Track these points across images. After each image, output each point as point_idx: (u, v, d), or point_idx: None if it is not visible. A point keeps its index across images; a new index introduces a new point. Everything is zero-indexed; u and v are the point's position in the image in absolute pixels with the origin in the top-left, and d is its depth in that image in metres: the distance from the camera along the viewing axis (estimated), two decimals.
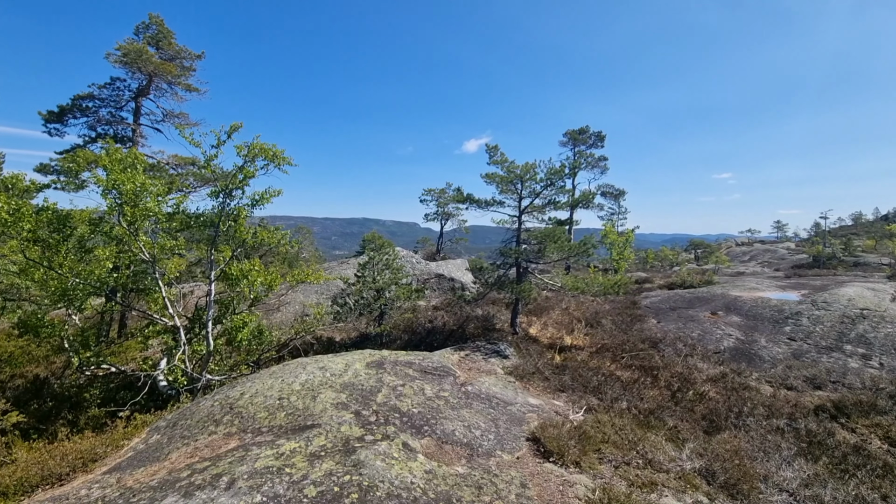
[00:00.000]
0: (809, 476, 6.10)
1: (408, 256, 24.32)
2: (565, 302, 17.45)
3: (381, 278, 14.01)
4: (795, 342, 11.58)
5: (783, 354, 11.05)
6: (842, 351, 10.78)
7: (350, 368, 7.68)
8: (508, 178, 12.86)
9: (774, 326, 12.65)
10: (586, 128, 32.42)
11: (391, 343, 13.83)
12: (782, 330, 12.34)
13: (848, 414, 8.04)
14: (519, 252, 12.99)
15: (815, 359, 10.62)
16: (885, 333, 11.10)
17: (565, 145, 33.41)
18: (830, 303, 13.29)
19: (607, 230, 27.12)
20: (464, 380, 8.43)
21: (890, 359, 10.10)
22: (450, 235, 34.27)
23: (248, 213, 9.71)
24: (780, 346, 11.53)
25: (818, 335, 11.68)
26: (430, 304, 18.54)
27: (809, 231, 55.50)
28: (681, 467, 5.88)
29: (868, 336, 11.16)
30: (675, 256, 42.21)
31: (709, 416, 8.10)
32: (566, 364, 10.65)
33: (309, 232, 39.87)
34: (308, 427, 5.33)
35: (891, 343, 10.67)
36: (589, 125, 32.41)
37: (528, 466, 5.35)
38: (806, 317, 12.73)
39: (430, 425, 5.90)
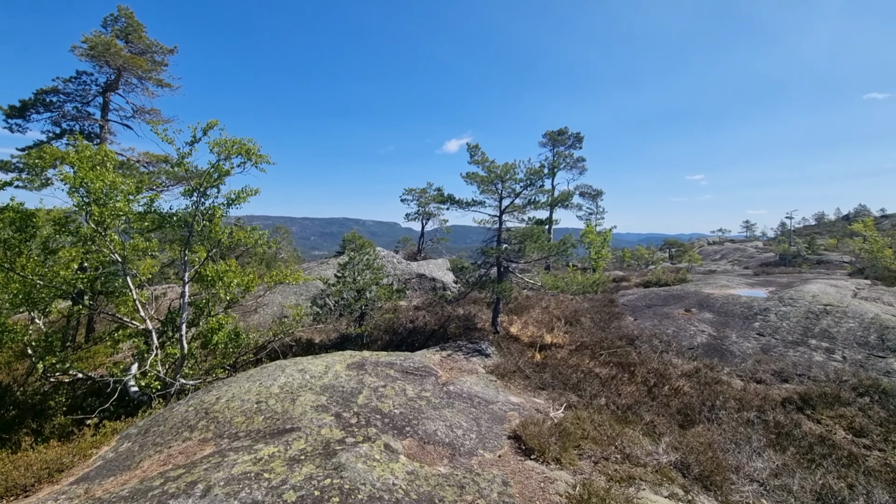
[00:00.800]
0: (778, 466, 6.36)
1: (388, 256, 24.17)
2: (545, 301, 17.67)
3: (362, 279, 13.88)
4: (764, 337, 12.04)
5: (753, 349, 11.47)
6: (807, 345, 11.26)
7: (330, 370, 7.59)
8: (489, 178, 12.93)
9: (744, 322, 13.11)
10: (565, 129, 32.90)
11: (372, 344, 13.73)
12: (752, 326, 12.81)
13: (813, 406, 8.41)
14: (500, 252, 13.07)
15: (782, 353, 11.06)
16: (847, 328, 11.64)
17: (545, 146, 33.84)
18: (796, 299, 13.86)
19: (588, 229, 27.59)
20: (445, 379, 8.44)
21: (852, 352, 10.61)
22: (431, 235, 34.24)
23: (224, 213, 9.46)
24: (749, 341, 11.96)
25: (785, 330, 12.17)
26: (412, 305, 18.48)
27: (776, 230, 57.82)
28: (657, 461, 6.03)
29: (831, 331, 11.69)
30: (651, 255, 43.30)
31: (683, 410, 8.34)
32: (546, 362, 10.78)
33: (287, 232, 39.19)
34: (287, 431, 5.24)
35: (852, 337, 11.20)
36: (568, 126, 32.92)
37: (510, 464, 5.39)
38: (773, 313, 13.24)
39: (412, 426, 5.88)
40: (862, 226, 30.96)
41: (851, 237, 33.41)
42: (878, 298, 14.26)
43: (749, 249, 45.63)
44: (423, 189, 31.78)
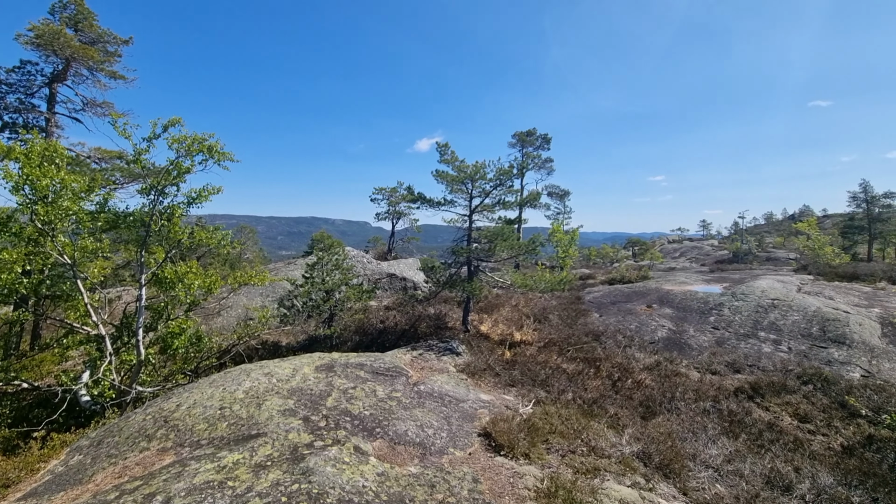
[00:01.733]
0: (731, 452, 6.74)
1: (358, 256, 23.88)
2: (515, 299, 17.95)
3: (331, 279, 13.65)
4: (719, 331, 12.71)
5: (708, 342, 12.10)
6: (757, 337, 11.98)
7: (298, 373, 7.44)
8: (459, 177, 13.00)
9: (701, 317, 13.80)
10: (533, 130, 33.49)
11: (342, 345, 13.53)
12: (707, 320, 13.49)
13: (763, 394, 8.96)
14: (470, 251, 13.18)
15: (735, 345, 11.72)
16: (792, 321, 12.47)
17: (514, 146, 34.32)
18: (747, 294, 14.71)
19: (555, 228, 28.21)
20: (416, 379, 8.44)
21: (797, 343, 11.37)
22: (401, 235, 34.07)
23: (184, 212, 9.08)
24: (705, 334, 12.60)
25: (737, 324, 12.89)
26: (382, 305, 18.34)
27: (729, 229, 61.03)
28: (621, 452, 6.27)
29: (779, 324, 12.48)
30: (615, 253, 44.80)
31: (645, 402, 8.69)
32: (516, 359, 10.97)
33: (253, 231, 37.98)
34: (253, 436, 5.10)
35: (797, 329, 12.01)
36: (536, 128, 33.51)
37: (480, 461, 5.46)
38: (727, 307, 14.00)
39: (383, 427, 5.86)
40: (806, 225, 33.19)
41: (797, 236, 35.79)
42: (819, 293, 15.34)
43: (705, 247, 47.99)
44: (394, 188, 31.57)
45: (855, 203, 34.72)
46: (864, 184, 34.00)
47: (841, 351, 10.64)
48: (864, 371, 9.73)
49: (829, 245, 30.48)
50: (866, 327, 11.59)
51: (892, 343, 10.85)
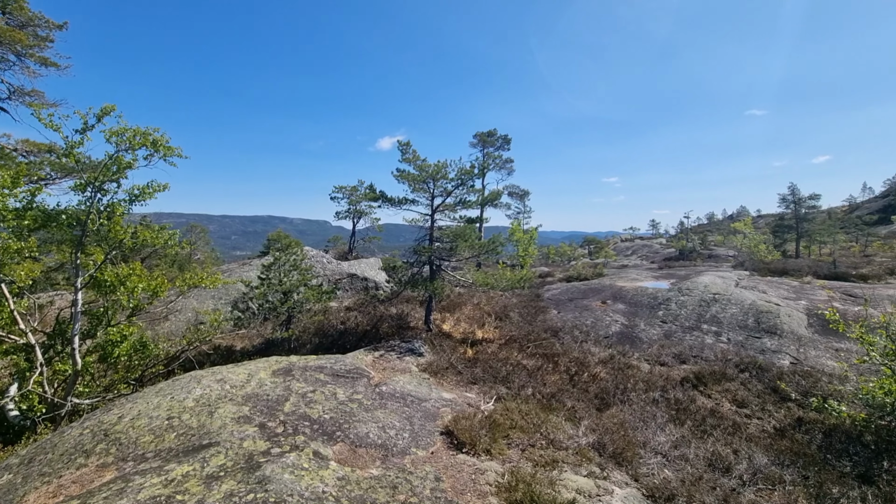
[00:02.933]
0: (678, 439, 7.15)
1: (318, 256, 23.28)
2: (476, 297, 18.16)
3: (289, 280, 13.23)
4: (667, 324, 13.48)
5: (657, 335, 12.79)
6: (700, 330, 12.80)
7: (253, 378, 7.16)
8: (421, 176, 12.98)
9: (651, 312, 14.57)
10: (494, 131, 34.00)
11: (300, 348, 13.16)
12: (656, 314, 14.27)
13: (705, 383, 9.58)
14: (432, 250, 13.20)
15: (681, 338, 12.46)
16: (731, 313, 13.42)
17: (475, 146, 34.70)
18: (692, 289, 15.68)
19: (514, 228, 28.81)
20: (378, 380, 8.35)
21: (735, 334, 12.25)
22: (362, 234, 33.53)
23: (126, 210, 8.48)
24: (655, 328, 13.32)
25: (683, 317, 13.72)
26: (343, 305, 18.00)
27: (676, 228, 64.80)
28: (577, 443, 6.50)
29: (719, 316, 13.40)
30: (573, 252, 46.37)
31: (600, 394, 9.06)
32: (478, 357, 11.10)
33: (204, 231, 36.10)
34: (204, 447, 4.86)
35: (735, 321, 12.94)
36: (496, 128, 34.06)
37: (442, 460, 5.49)
38: (674, 302, 14.87)
39: (343, 430, 5.75)
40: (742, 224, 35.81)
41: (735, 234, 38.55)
42: (754, 287, 16.60)
43: (655, 246, 50.67)
44: (354, 187, 31.02)
45: (784, 204, 37.82)
46: (793, 187, 37.13)
47: (773, 340, 11.58)
48: (793, 358, 10.64)
49: (763, 243, 33.09)
50: (795, 318, 12.68)
51: (817, 332, 11.93)
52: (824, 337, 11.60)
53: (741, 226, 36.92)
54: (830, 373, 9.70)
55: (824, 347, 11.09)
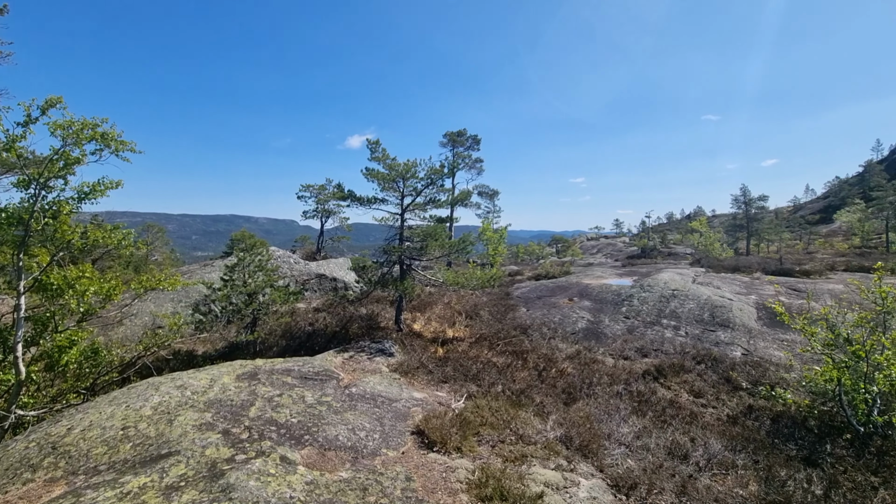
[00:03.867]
0: (640, 429, 7.45)
1: (284, 256, 22.68)
2: (447, 296, 18.22)
3: (254, 281, 12.82)
4: (629, 320, 13.99)
5: (621, 330, 13.27)
6: (661, 324, 13.37)
7: (216, 383, 6.90)
8: (390, 175, 12.88)
9: (615, 308, 15.08)
10: (464, 130, 34.17)
11: (267, 351, 12.78)
12: (620, 310, 14.79)
13: (665, 375, 10.02)
14: (402, 250, 13.13)
15: (643, 332, 12.98)
16: (688, 308, 14.09)
17: (445, 146, 34.75)
18: (652, 286, 16.35)
19: (484, 227, 29.09)
20: (348, 382, 8.24)
21: (692, 328, 12.88)
22: (331, 233, 32.93)
23: (75, 209, 7.96)
24: (618, 323, 13.80)
25: (645, 313, 14.29)
26: (311, 306, 17.62)
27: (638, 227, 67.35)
28: (546, 438, 6.66)
29: (678, 311, 14.04)
30: (541, 250, 47.33)
31: (567, 389, 9.30)
32: (448, 356, 11.15)
33: (162, 231, 34.44)
34: (163, 456, 4.65)
35: (693, 316, 13.60)
36: (466, 128, 34.23)
37: (413, 459, 5.49)
38: (636, 298, 15.46)
39: (312, 434, 5.64)
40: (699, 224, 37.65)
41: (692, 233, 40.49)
42: (709, 283, 17.50)
43: (618, 244, 52.47)
44: (322, 185, 30.42)
45: (736, 205, 40.07)
46: (744, 188, 39.39)
47: (726, 333, 12.25)
48: (745, 350, 11.30)
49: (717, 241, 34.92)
50: (745, 312, 13.46)
51: (765, 325, 12.71)
52: (772, 329, 12.37)
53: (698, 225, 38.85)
54: (777, 362, 10.37)
55: (772, 339, 11.83)
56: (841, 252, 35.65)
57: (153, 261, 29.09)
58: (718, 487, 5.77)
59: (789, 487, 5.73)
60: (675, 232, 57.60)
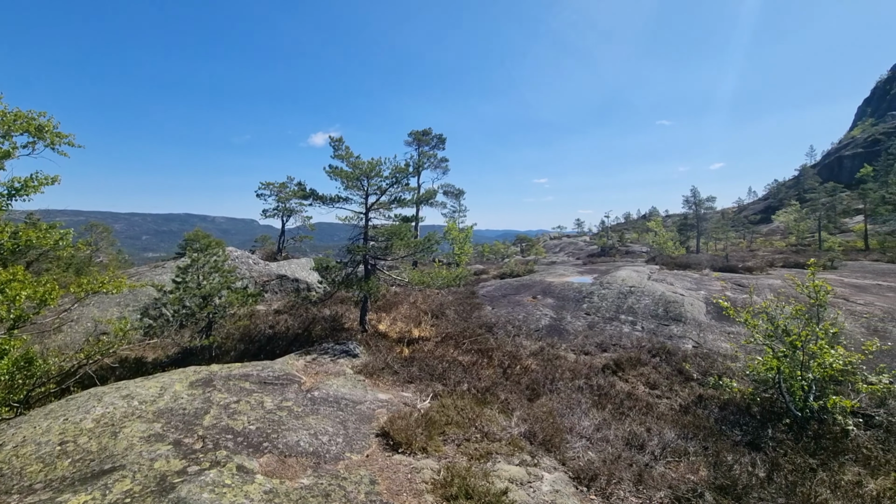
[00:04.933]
0: (600, 422, 7.70)
1: (243, 257, 21.81)
2: (413, 296, 18.13)
3: (209, 283, 12.23)
4: (590, 316, 14.45)
5: (582, 327, 13.68)
6: (619, 320, 13.90)
7: (167, 391, 6.53)
8: (354, 174, 12.66)
9: (576, 305, 15.53)
10: (429, 130, 34.11)
11: (223, 356, 12.24)
12: (581, 307, 15.25)
13: (623, 368, 10.42)
14: (366, 249, 12.94)
15: (602, 328, 13.44)
16: (644, 304, 14.73)
17: (410, 145, 34.56)
18: (611, 283, 16.97)
19: (450, 227, 29.19)
20: (310, 385, 8.02)
21: (648, 323, 13.47)
22: (293, 233, 31.93)
23: (4, 206, 7.29)
24: (580, 320, 14.23)
25: (604, 309, 14.81)
26: (272, 308, 17.03)
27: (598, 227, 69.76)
28: (510, 434, 6.75)
29: (635, 307, 14.64)
30: (506, 249, 48.05)
31: (531, 385, 9.48)
32: (414, 356, 11.09)
33: (108, 230, 32.24)
34: (106, 472, 4.34)
35: (648, 312, 14.22)
36: (431, 128, 34.19)
37: (378, 462, 5.41)
38: (596, 295, 15.99)
39: (271, 440, 5.44)
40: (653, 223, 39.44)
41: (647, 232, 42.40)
42: (663, 280, 18.37)
43: (580, 243, 54.14)
44: (283, 183, 29.43)
45: (687, 205, 42.31)
46: (694, 190, 41.65)
47: (679, 327, 12.90)
48: (695, 342, 11.94)
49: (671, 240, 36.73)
50: (696, 307, 14.23)
51: (713, 318, 13.48)
52: (719, 322, 13.14)
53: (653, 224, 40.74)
54: (724, 353, 11.02)
55: (719, 332, 12.57)
56: (779, 250, 38.47)
57: (98, 262, 27.16)
58: (672, 474, 6.06)
59: (736, 471, 6.09)
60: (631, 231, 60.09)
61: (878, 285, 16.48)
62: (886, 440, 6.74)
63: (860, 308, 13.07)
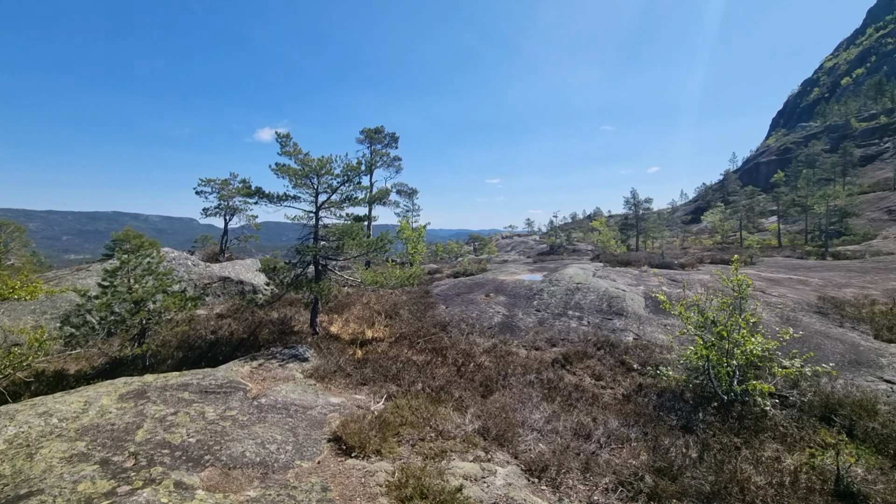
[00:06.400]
0: (550, 414, 7.99)
1: (181, 258, 20.38)
2: (366, 296, 17.83)
3: (141, 286, 11.31)
4: (540, 312, 14.94)
5: (533, 323, 14.11)
6: (567, 315, 14.49)
7: (93, 406, 5.97)
8: (303, 171, 12.22)
9: (527, 302, 16.00)
10: (381, 128, 33.67)
11: (159, 365, 11.37)
12: (532, 304, 15.73)
13: (571, 362, 10.87)
14: (317, 249, 12.54)
15: (552, 324, 13.94)
16: (590, 300, 15.45)
17: (362, 143, 33.93)
18: (560, 280, 17.65)
19: (403, 226, 29.01)
20: (257, 392, 7.65)
21: (593, 318, 14.14)
22: (237, 233, 30.20)
23: None
24: (531, 316, 14.67)
25: (553, 305, 15.37)
26: (214, 313, 16.07)
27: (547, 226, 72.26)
28: (464, 431, 6.83)
29: (581, 303, 15.32)
30: (459, 249, 48.52)
31: (485, 381, 9.64)
32: (368, 357, 10.92)
33: (20, 230, 28.87)
34: (23, 497, 3.89)
35: (594, 307, 14.93)
36: (384, 126, 33.75)
37: (330, 468, 5.27)
38: (546, 292, 16.56)
39: (213, 453, 5.13)
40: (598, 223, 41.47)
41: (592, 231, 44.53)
42: (607, 276, 19.38)
43: (530, 242, 55.81)
44: (226, 180, 27.79)
45: (628, 206, 44.90)
46: (634, 192, 44.27)
47: (621, 321, 13.66)
48: (636, 335, 12.70)
49: (613, 239, 38.83)
50: (636, 301, 15.13)
51: (651, 312, 14.40)
52: (657, 315, 14.07)
53: (597, 224, 42.86)
54: (661, 344, 11.82)
55: (657, 324, 13.46)
56: (707, 247, 41.88)
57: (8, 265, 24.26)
58: (616, 460, 6.41)
59: (672, 454, 6.55)
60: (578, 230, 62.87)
61: (790, 279, 18.40)
62: (800, 418, 7.54)
63: (775, 300, 14.52)
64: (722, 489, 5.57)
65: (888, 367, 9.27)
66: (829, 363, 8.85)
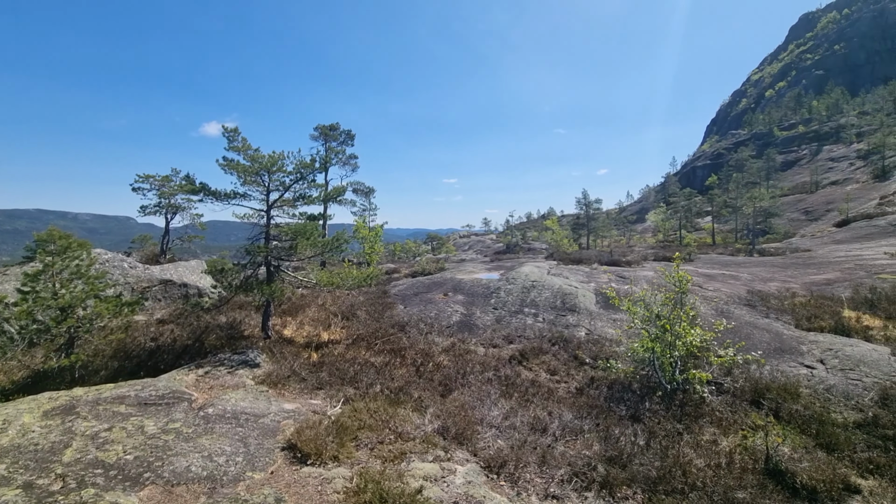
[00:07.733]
0: (507, 410, 8.14)
1: (115, 260, 18.81)
2: (321, 298, 17.34)
3: (69, 291, 10.31)
4: (497, 310, 15.21)
5: (490, 321, 14.33)
6: (523, 313, 14.84)
7: (12, 425, 5.37)
8: (253, 168, 11.66)
9: (485, 300, 16.23)
10: (337, 125, 32.81)
11: (91, 376, 10.44)
12: (489, 302, 15.97)
13: (528, 358, 11.14)
14: (268, 250, 12.02)
15: (509, 321, 14.22)
16: (545, 297, 15.92)
17: (317, 139, 32.91)
18: (516, 279, 18.05)
19: (359, 225, 28.47)
20: (203, 401, 7.21)
21: (548, 314, 14.58)
22: (179, 232, 28.27)
23: None
24: (488, 314, 14.89)
25: (510, 303, 15.69)
26: (154, 318, 14.97)
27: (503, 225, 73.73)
28: (424, 431, 6.80)
29: (537, 300, 15.75)
30: (417, 248, 48.41)
31: (444, 381, 9.66)
32: (323, 360, 10.62)
33: None
34: None
35: (549, 304, 15.40)
36: (339, 123, 32.93)
37: (284, 478, 5.07)
38: (503, 290, 16.87)
39: (154, 469, 4.78)
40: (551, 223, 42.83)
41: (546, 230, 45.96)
42: (560, 274, 20.06)
43: (487, 241, 56.67)
44: (167, 176, 25.97)
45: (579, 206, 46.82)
46: (585, 193, 46.21)
47: (574, 317, 14.18)
48: (588, 330, 13.23)
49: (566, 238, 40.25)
50: (588, 297, 15.77)
51: (602, 307, 15.07)
52: (606, 311, 14.74)
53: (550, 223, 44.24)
54: (611, 338, 12.39)
55: (607, 319, 14.10)
56: (651, 245, 44.49)
57: None
58: (570, 452, 6.64)
59: (622, 443, 6.89)
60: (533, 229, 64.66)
61: (723, 274, 19.92)
62: (733, 403, 8.18)
63: (710, 294, 15.66)
64: (667, 473, 5.93)
65: (808, 354, 10.26)
66: (758, 351, 9.68)
